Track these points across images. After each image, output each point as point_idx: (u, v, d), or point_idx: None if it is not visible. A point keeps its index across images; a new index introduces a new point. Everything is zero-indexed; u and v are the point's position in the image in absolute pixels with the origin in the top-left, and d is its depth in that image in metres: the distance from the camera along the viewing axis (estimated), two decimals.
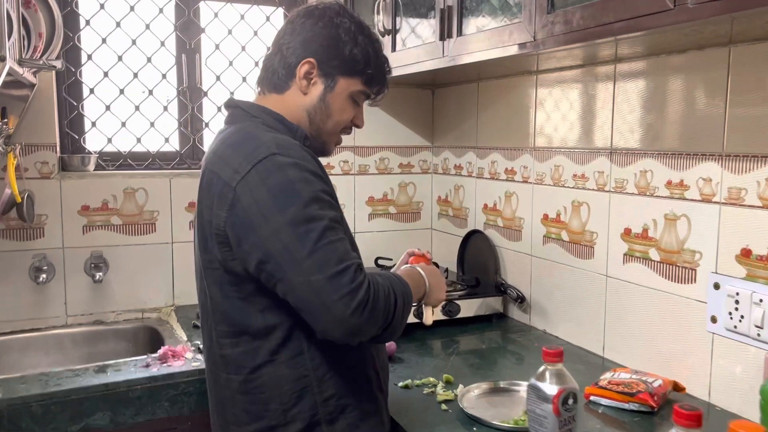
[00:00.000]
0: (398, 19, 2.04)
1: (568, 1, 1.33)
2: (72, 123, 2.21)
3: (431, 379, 1.62)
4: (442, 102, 2.56)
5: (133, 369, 1.70)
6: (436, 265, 1.62)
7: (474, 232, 2.33)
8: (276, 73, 1.29)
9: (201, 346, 1.83)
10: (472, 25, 1.72)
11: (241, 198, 1.12)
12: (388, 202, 2.58)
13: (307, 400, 1.20)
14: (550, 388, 1.08)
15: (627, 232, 1.70)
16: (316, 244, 1.08)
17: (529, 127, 2.06)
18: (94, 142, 2.25)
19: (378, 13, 2.06)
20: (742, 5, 0.99)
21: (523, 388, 1.52)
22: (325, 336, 1.12)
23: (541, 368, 1.11)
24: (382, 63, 1.32)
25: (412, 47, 2.00)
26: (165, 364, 1.73)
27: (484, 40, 1.64)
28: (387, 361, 1.37)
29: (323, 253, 1.08)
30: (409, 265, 1.42)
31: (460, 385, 1.56)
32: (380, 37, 1.31)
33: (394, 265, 2.38)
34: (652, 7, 1.11)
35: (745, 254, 1.40)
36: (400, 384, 1.58)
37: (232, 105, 1.31)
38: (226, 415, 1.27)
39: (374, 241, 2.54)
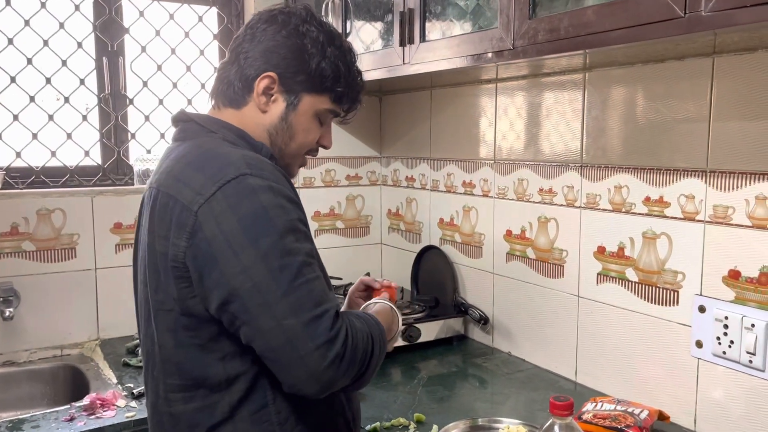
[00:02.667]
0: (349, 23, 1.88)
1: (553, 7, 1.22)
2: None
3: (401, 420, 1.47)
4: (390, 110, 2.42)
5: (54, 424, 1.46)
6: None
7: (429, 248, 2.20)
8: (232, 86, 1.11)
9: (135, 391, 1.61)
10: (437, 30, 1.58)
11: (204, 226, 0.95)
12: (335, 216, 2.41)
13: None
14: None
15: (601, 251, 1.61)
16: (291, 283, 0.93)
17: (489, 138, 1.95)
18: (0, 156, 1.97)
19: (326, 15, 1.89)
20: None
21: (503, 425, 1.41)
22: (294, 391, 0.97)
23: (549, 422, 0.98)
24: (355, 78, 1.16)
25: (366, 53, 1.84)
26: (93, 416, 1.50)
27: (451, 46, 1.51)
28: (359, 405, 1.22)
29: (299, 294, 0.94)
30: (380, 301, 1.26)
31: (435, 426, 1.42)
32: (351, 45, 1.15)
33: (348, 285, 2.24)
34: (658, 15, 1.00)
35: (734, 276, 1.33)
36: (368, 428, 1.43)
37: (184, 119, 1.13)
38: None
39: (321, 258, 2.36)
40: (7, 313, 1.85)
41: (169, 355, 1.05)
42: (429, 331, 1.94)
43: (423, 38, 1.61)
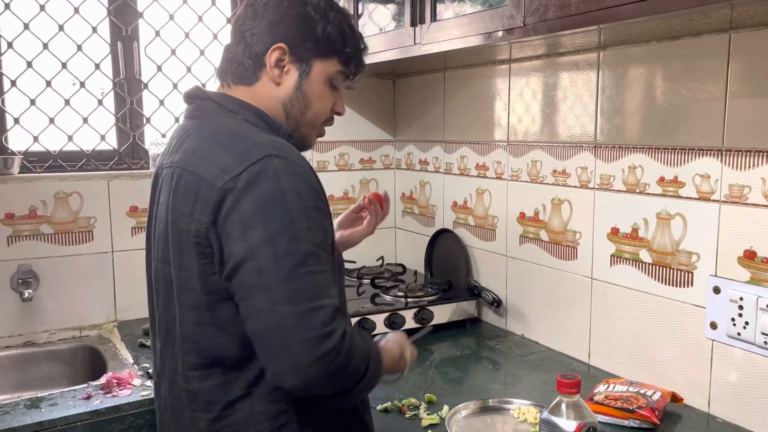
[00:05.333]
0: (361, 5, 1.87)
1: None
2: None
3: (412, 399, 1.47)
4: (404, 93, 2.41)
5: (71, 402, 1.49)
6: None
7: (442, 232, 2.19)
8: (241, 64, 1.11)
9: (150, 371, 1.64)
10: (447, 9, 1.57)
11: (225, 202, 0.96)
12: (349, 200, 2.41)
13: None
14: (568, 424, 0.95)
15: (614, 232, 1.59)
16: (293, 270, 0.93)
17: (502, 120, 1.93)
18: (17, 141, 2.00)
19: None
20: None
21: (513, 406, 1.41)
22: (274, 380, 0.96)
23: (556, 400, 0.98)
24: (358, 39, 1.17)
25: (378, 34, 1.83)
26: (109, 395, 1.53)
27: (462, 25, 1.49)
28: None
29: (299, 282, 0.93)
30: (390, 339, 1.23)
31: (445, 406, 1.42)
32: (350, 11, 1.16)
33: (361, 268, 2.25)
34: None
35: (749, 256, 1.30)
36: (379, 407, 1.43)
37: (201, 96, 1.13)
38: None
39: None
40: (26, 294, 1.88)
41: (189, 333, 1.06)
42: (442, 314, 1.94)
43: (434, 18, 1.59)
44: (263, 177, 0.95)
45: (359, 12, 1.89)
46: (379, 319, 1.81)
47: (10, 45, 1.94)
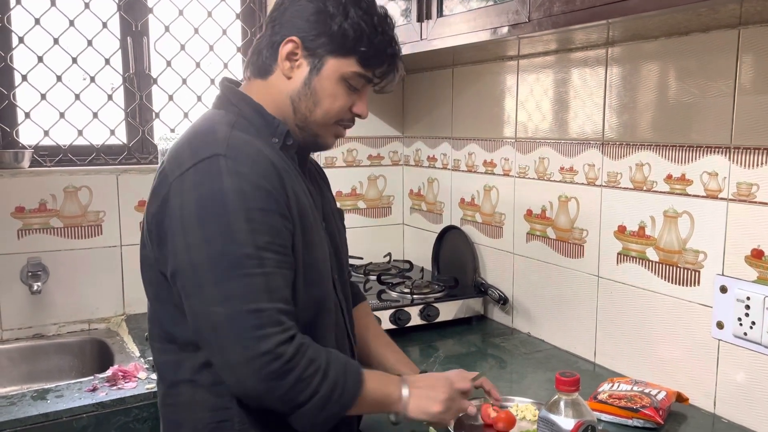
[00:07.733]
0: None
1: None
2: (2, 114, 1.96)
3: None
4: (412, 89, 2.40)
5: (77, 394, 1.50)
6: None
7: (450, 228, 2.18)
8: (261, 55, 1.13)
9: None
10: (454, 5, 1.56)
11: (170, 197, 0.99)
12: (357, 196, 2.41)
13: None
14: (566, 422, 0.94)
15: (621, 230, 1.58)
16: (227, 272, 0.94)
17: (510, 116, 1.92)
18: (28, 135, 2.02)
19: None
20: None
21: (513, 404, 1.40)
22: (221, 376, 0.99)
23: (554, 398, 0.97)
24: (382, 39, 1.09)
25: None
26: (114, 387, 1.54)
27: (467, 21, 1.48)
28: None
29: (233, 285, 0.94)
30: (428, 383, 1.15)
31: None
32: (386, 11, 1.13)
33: (368, 264, 2.25)
34: None
35: (757, 255, 1.29)
36: None
37: (221, 88, 1.17)
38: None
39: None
40: (35, 287, 1.90)
41: (150, 307, 1.12)
42: (448, 311, 1.93)
43: (440, 13, 1.59)
44: (207, 177, 0.96)
45: None
46: (384, 316, 1.81)
47: (21, 40, 1.96)
